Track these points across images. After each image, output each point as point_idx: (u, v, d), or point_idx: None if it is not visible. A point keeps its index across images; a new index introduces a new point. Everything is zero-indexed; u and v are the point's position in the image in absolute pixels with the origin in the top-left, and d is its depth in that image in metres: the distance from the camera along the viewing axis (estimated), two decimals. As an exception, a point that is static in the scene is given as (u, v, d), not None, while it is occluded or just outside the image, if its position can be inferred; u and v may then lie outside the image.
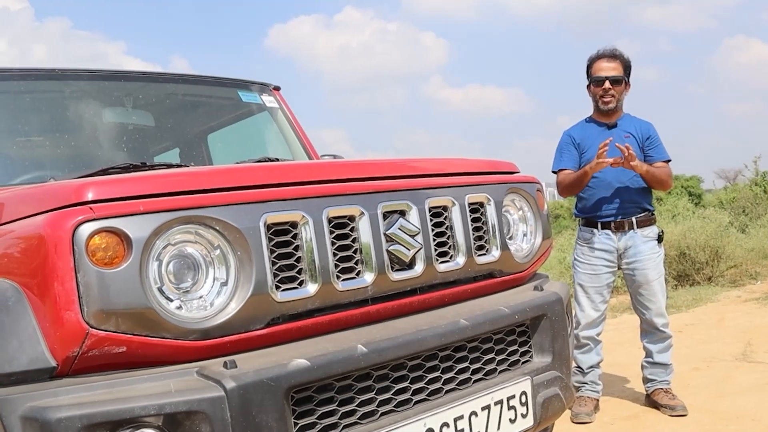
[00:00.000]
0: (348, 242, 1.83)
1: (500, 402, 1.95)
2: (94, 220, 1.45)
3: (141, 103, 3.09)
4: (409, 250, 1.92)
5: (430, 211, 2.02)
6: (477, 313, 2.00)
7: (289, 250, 1.71)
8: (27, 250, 1.53)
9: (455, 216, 2.09)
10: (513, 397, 1.99)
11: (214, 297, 1.63)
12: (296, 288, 1.71)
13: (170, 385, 1.47)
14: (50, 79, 2.82)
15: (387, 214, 1.91)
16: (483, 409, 1.91)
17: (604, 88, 3.57)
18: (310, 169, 1.97)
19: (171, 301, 1.57)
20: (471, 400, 1.89)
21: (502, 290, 2.28)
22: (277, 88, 3.54)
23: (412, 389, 1.83)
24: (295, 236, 1.72)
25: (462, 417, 1.85)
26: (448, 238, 2.08)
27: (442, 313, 2.01)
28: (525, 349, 2.17)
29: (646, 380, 3.73)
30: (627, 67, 3.63)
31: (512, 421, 1.98)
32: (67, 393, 1.42)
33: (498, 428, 1.93)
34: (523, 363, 2.15)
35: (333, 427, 1.67)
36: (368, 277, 1.84)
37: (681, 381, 3.96)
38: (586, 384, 3.65)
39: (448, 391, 1.90)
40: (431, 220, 2.02)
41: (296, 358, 1.59)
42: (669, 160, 3.62)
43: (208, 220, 1.60)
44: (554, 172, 3.70)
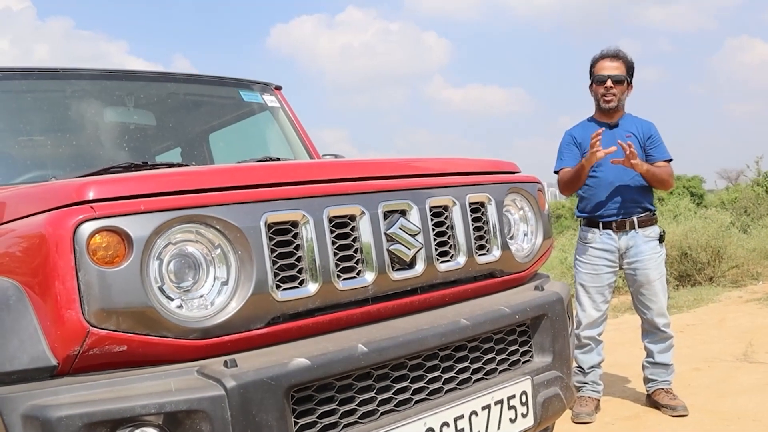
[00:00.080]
0: (348, 242, 1.83)
1: (500, 402, 1.95)
2: (95, 219, 1.45)
3: (142, 103, 3.09)
4: (409, 249, 1.92)
5: (430, 210, 2.02)
6: (477, 313, 2.00)
7: (290, 249, 1.72)
8: (28, 249, 1.53)
9: (456, 216, 2.09)
10: (513, 396, 1.99)
11: (214, 296, 1.63)
12: (297, 287, 1.71)
13: (171, 384, 1.48)
14: (52, 79, 2.83)
15: (388, 214, 1.91)
16: (483, 408, 1.91)
17: (606, 87, 3.57)
18: (311, 168, 1.97)
19: (172, 300, 1.57)
20: (471, 400, 1.89)
21: (503, 290, 2.28)
22: (279, 88, 3.54)
23: (412, 389, 1.83)
24: (295, 236, 1.72)
25: (462, 416, 1.85)
26: (448, 238, 2.08)
27: (442, 312, 2.01)
28: (525, 348, 2.17)
29: (647, 380, 3.73)
30: (630, 68, 3.63)
31: (512, 420, 1.98)
32: (67, 392, 1.43)
33: (498, 428, 1.93)
34: (524, 363, 2.15)
35: (333, 426, 1.67)
36: (369, 277, 1.84)
37: (682, 381, 3.96)
38: (587, 384, 3.65)
39: (448, 391, 1.91)
40: (432, 220, 2.02)
41: (296, 357, 1.59)
42: (670, 160, 3.62)
43: (208, 219, 1.60)
44: (556, 172, 3.70)
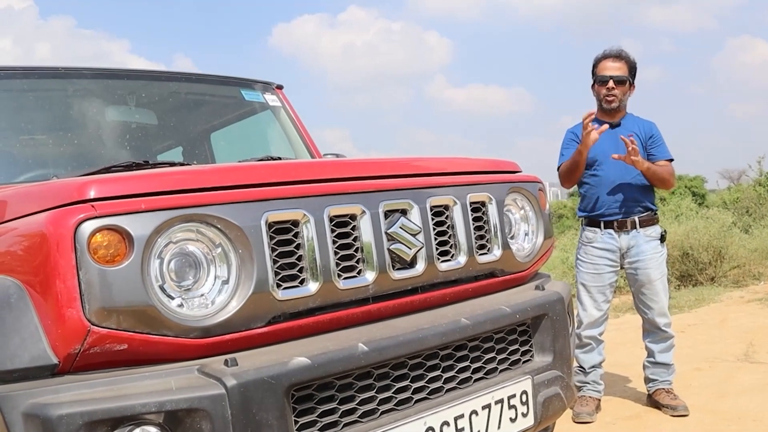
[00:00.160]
0: (349, 241, 1.83)
1: (501, 401, 1.95)
2: (96, 218, 1.46)
3: (144, 102, 3.10)
4: (410, 249, 1.92)
5: (431, 210, 2.02)
6: (478, 312, 2.00)
7: (291, 248, 1.72)
8: (29, 248, 1.53)
9: (457, 215, 2.09)
10: (514, 396, 1.99)
11: (215, 295, 1.63)
12: (297, 286, 1.71)
13: (171, 382, 1.48)
14: (53, 78, 2.83)
15: (388, 213, 1.91)
16: (483, 408, 1.91)
17: (608, 88, 3.57)
18: (311, 167, 1.97)
19: (172, 299, 1.57)
20: (471, 399, 1.89)
21: (504, 289, 2.28)
22: (280, 87, 3.54)
23: (412, 388, 1.83)
24: (296, 235, 1.72)
25: (462, 416, 1.85)
26: (449, 237, 2.08)
27: (443, 312, 2.01)
28: (526, 348, 2.17)
29: (647, 380, 3.73)
30: (632, 68, 3.63)
31: (513, 420, 1.98)
32: (68, 390, 1.43)
33: (498, 427, 1.93)
34: (524, 362, 2.15)
35: (333, 425, 1.67)
36: (369, 276, 1.84)
37: (683, 381, 3.96)
38: (588, 384, 3.65)
39: (448, 390, 1.91)
40: (432, 219, 2.02)
41: (297, 356, 1.59)
42: (671, 160, 3.62)
43: (209, 218, 1.60)
44: (558, 168, 3.70)
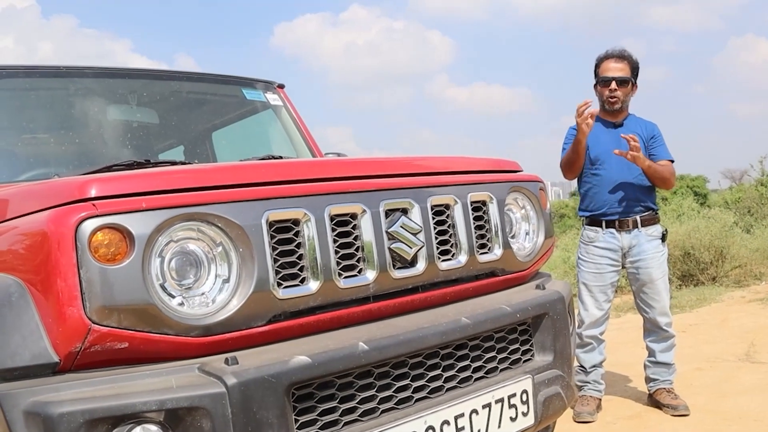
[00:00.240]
0: (350, 240, 1.83)
1: (501, 400, 1.95)
2: (96, 216, 1.46)
3: (145, 101, 3.10)
4: (410, 248, 1.93)
5: (432, 209, 2.02)
6: (478, 312, 2.00)
7: (291, 247, 1.72)
8: (30, 247, 1.54)
9: (457, 214, 2.09)
10: (514, 395, 1.99)
11: (216, 294, 1.63)
12: (298, 285, 1.72)
13: (172, 381, 1.48)
14: (55, 77, 2.83)
15: (389, 212, 1.91)
16: (484, 407, 1.91)
17: (611, 89, 3.58)
18: (312, 166, 1.97)
19: (173, 297, 1.58)
20: (472, 398, 1.89)
21: (504, 289, 2.28)
22: (281, 86, 3.54)
23: (413, 387, 1.83)
24: (297, 233, 1.73)
25: (463, 415, 1.85)
26: (450, 237, 2.08)
27: (443, 311, 2.01)
28: (526, 347, 2.17)
29: (648, 380, 3.73)
30: (634, 69, 3.63)
31: (513, 419, 1.98)
32: (69, 388, 1.43)
33: (499, 426, 1.93)
34: (525, 361, 2.15)
35: (334, 423, 1.67)
36: (370, 275, 1.84)
37: (684, 381, 3.96)
38: (589, 383, 3.65)
39: (449, 389, 1.91)
40: (433, 219, 2.02)
41: (297, 355, 1.59)
42: (672, 161, 3.62)
43: (210, 217, 1.60)
44: (560, 162, 3.71)
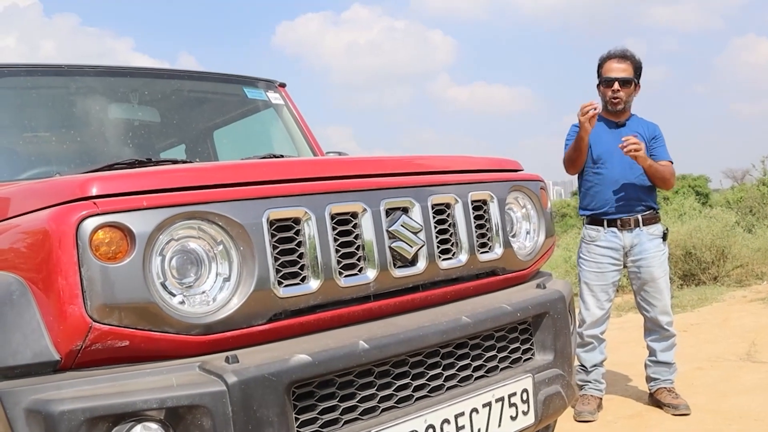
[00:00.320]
0: (350, 239, 1.83)
1: (501, 399, 1.95)
2: (97, 215, 1.46)
3: (147, 100, 3.10)
4: (411, 247, 1.93)
5: (433, 208, 2.02)
6: (479, 311, 2.00)
7: (292, 246, 1.72)
8: (32, 245, 1.54)
9: (458, 213, 2.09)
10: (514, 394, 1.99)
11: (216, 292, 1.63)
12: (298, 284, 1.72)
13: (172, 379, 1.48)
14: (57, 75, 2.84)
15: (390, 211, 1.91)
16: (484, 406, 1.91)
17: (613, 90, 3.57)
18: (313, 165, 1.98)
19: (174, 296, 1.58)
20: (472, 397, 1.89)
21: (505, 288, 2.28)
22: (283, 85, 3.54)
23: (413, 386, 1.83)
24: (297, 232, 1.73)
25: (463, 414, 1.86)
26: (450, 236, 2.08)
27: (444, 310, 2.01)
28: (527, 346, 2.17)
29: (649, 379, 3.73)
30: (637, 69, 3.62)
31: (513, 418, 1.98)
32: (70, 386, 1.43)
33: (499, 425, 1.93)
34: (525, 360, 2.15)
35: (334, 422, 1.67)
36: (370, 274, 1.84)
37: (684, 380, 3.96)
38: (590, 382, 3.65)
39: (449, 388, 1.91)
40: (434, 217, 2.02)
41: (298, 353, 1.59)
42: (671, 162, 3.63)
43: (211, 215, 1.60)
44: (563, 158, 3.71)
